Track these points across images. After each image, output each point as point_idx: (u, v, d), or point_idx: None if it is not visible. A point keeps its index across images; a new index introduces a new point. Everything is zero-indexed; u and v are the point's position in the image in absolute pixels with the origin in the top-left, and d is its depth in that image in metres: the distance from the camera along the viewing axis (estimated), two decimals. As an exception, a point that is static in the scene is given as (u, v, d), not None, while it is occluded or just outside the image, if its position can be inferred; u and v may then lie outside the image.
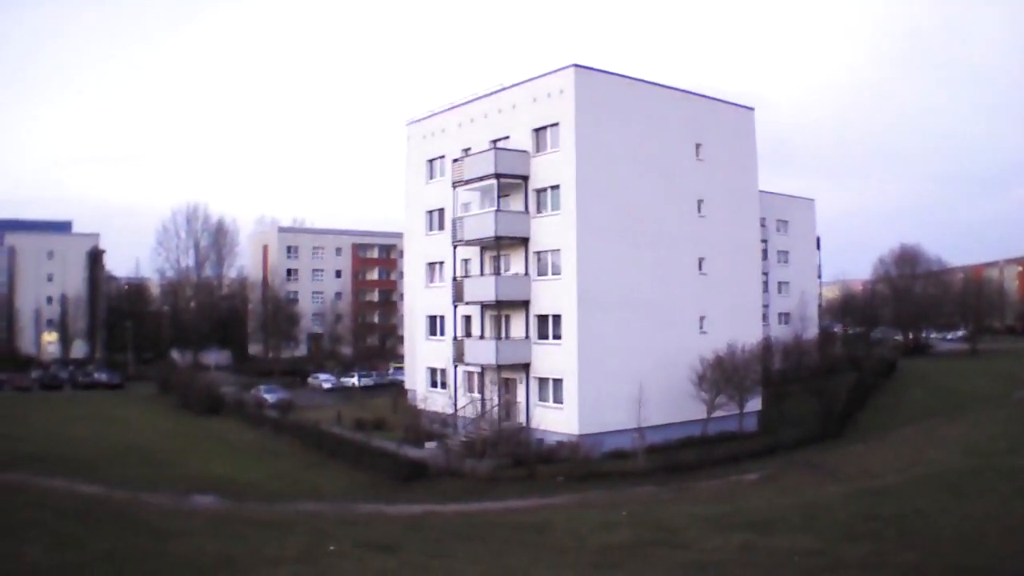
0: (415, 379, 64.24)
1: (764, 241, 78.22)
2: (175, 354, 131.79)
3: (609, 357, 48.04)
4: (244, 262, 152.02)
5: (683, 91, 55.50)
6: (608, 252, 49.14)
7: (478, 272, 54.38)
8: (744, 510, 27.80)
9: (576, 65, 49.55)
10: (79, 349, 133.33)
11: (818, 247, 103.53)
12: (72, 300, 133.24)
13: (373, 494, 40.01)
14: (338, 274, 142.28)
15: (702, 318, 54.00)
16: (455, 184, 54.47)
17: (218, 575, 14.66)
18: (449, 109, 60.25)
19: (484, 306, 53.10)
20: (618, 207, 49.97)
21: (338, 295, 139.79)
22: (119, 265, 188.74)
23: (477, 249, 54.33)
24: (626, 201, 50.42)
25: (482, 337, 53.04)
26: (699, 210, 54.57)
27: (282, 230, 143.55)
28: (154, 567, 14.77)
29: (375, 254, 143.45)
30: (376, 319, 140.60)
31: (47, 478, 41.90)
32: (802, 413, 58.52)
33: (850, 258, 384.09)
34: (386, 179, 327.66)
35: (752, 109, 59.93)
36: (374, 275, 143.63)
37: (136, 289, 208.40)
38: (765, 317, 72.29)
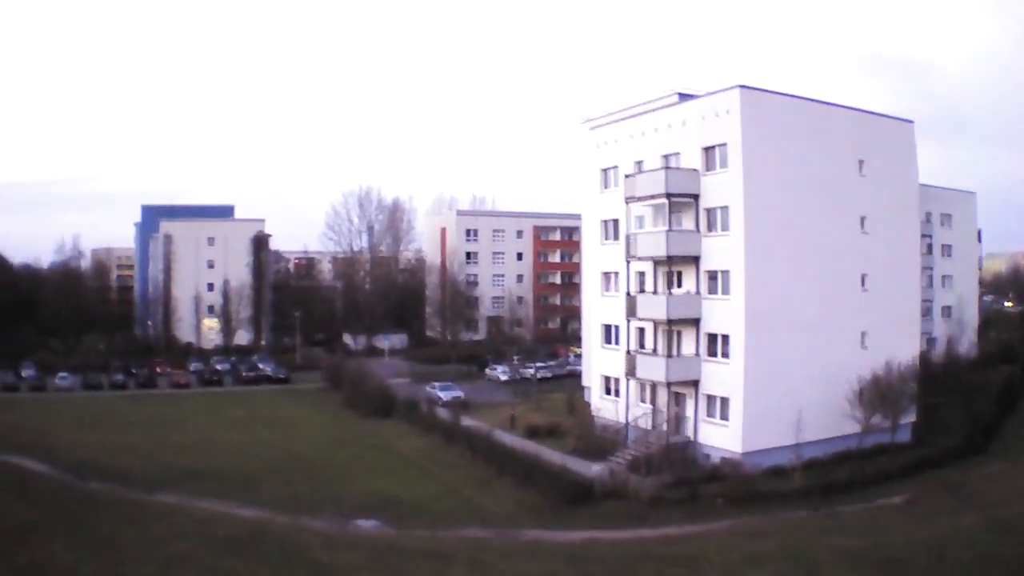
0: (590, 379, 69.88)
1: (927, 236, 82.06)
2: (347, 338, 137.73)
3: (773, 375, 52.08)
4: (421, 244, 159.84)
5: (845, 107, 58.66)
6: (774, 272, 52.99)
7: (652, 287, 58.98)
8: (881, 545, 32.03)
9: (741, 86, 53.51)
10: (242, 336, 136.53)
11: (979, 239, 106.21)
12: (235, 286, 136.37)
13: (537, 517, 44.55)
14: (519, 256, 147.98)
15: (863, 334, 57.29)
16: (628, 200, 59.25)
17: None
18: (621, 120, 65.21)
19: (656, 322, 57.68)
20: (784, 227, 53.66)
21: (519, 278, 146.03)
22: (284, 248, 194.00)
23: (651, 263, 58.74)
24: (792, 220, 54.03)
25: (654, 352, 57.87)
26: (862, 226, 57.77)
27: (461, 213, 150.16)
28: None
29: (556, 236, 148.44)
30: (558, 301, 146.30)
31: (204, 499, 46.87)
32: (953, 421, 60.90)
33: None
34: (564, 159, 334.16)
35: (911, 122, 62.65)
36: (556, 257, 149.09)
37: (306, 267, 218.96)
38: (928, 312, 75.81)
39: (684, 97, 64.35)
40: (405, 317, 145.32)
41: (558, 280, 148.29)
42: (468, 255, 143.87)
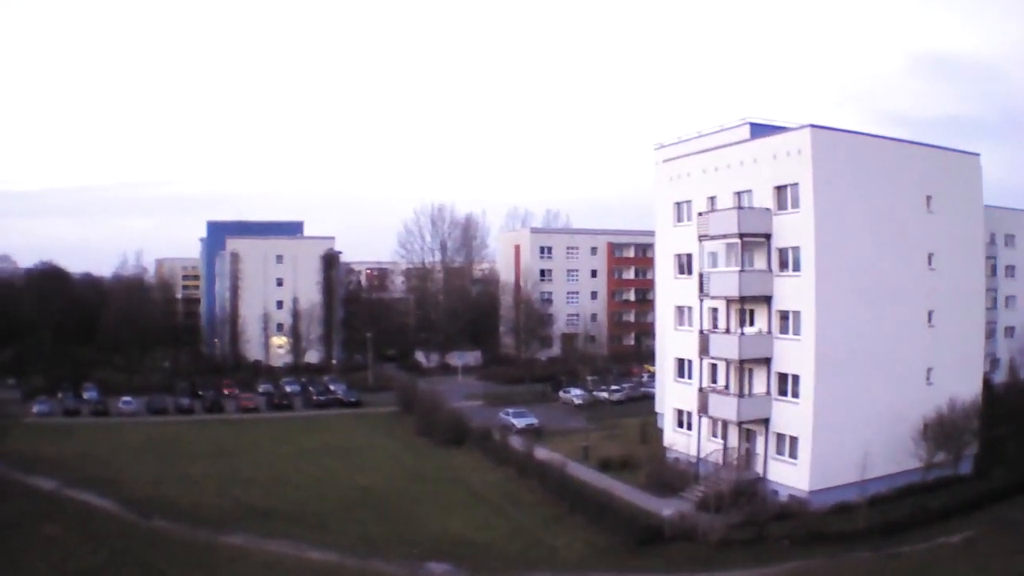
0: (663, 406, 71.84)
1: (991, 258, 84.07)
2: (420, 355, 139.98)
3: (841, 414, 53.82)
4: (495, 259, 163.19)
5: (912, 143, 60.34)
6: (844, 312, 54.62)
7: (724, 324, 60.82)
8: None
9: (812, 126, 55.24)
10: (312, 354, 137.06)
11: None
12: (304, 304, 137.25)
13: (607, 560, 46.33)
14: (593, 273, 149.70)
15: (929, 370, 58.92)
16: (701, 238, 61.19)
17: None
18: (693, 154, 67.21)
19: (728, 361, 59.54)
20: (854, 266, 55.34)
21: (593, 295, 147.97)
22: (355, 258, 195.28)
23: (724, 300, 60.39)
24: (861, 259, 55.72)
25: (726, 388, 59.82)
26: (929, 263, 59.42)
27: (535, 230, 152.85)
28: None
29: (631, 253, 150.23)
30: (632, 318, 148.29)
31: (273, 540, 48.29)
32: (1016, 452, 61.29)
33: None
34: (636, 172, 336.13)
35: (977, 155, 64.08)
36: (630, 274, 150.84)
37: (379, 277, 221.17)
38: (992, 333, 77.80)
39: (755, 127, 66.81)
40: (479, 333, 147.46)
41: (632, 297, 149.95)
42: (542, 272, 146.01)
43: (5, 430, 64.41)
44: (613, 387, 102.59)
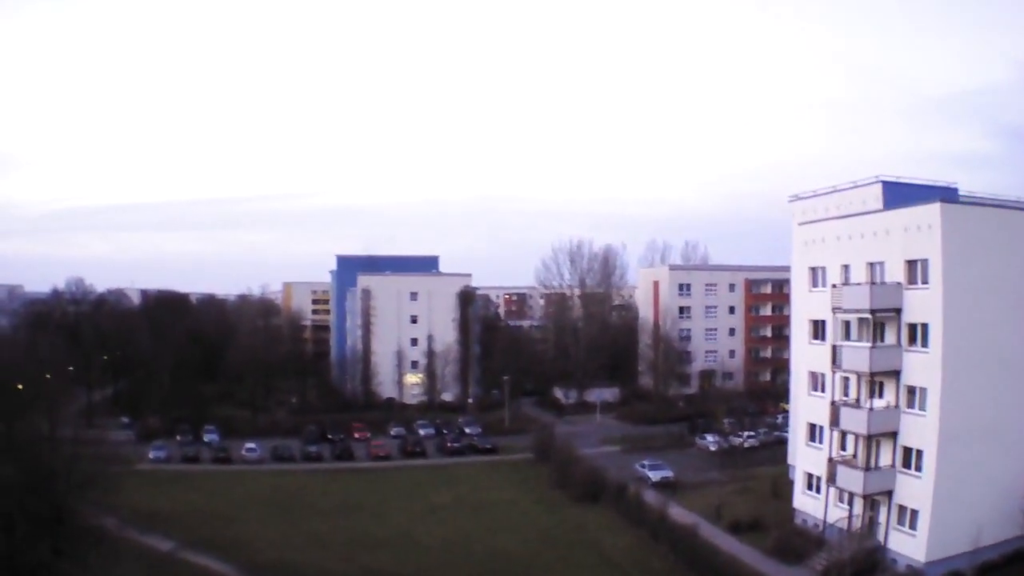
0: (795, 458, 74.48)
1: None
2: (558, 391, 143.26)
3: (962, 486, 55.42)
4: (634, 292, 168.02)
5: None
6: (970, 387, 56.06)
7: (855, 394, 63.21)
8: None
9: (943, 200, 57.16)
10: (447, 388, 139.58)
11: None
12: (439, 341, 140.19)
13: None
14: (731, 310, 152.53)
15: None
16: (834, 310, 63.99)
17: None
18: (828, 219, 70.20)
19: (856, 434, 62.01)
20: (983, 341, 56.64)
21: (731, 331, 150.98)
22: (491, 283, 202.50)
23: (855, 373, 62.72)
24: (990, 334, 56.89)
25: (854, 458, 62.31)
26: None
27: (673, 268, 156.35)
28: None
29: (767, 289, 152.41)
30: (769, 353, 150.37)
31: None
32: None
33: None
34: (772, 205, 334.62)
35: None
36: (767, 310, 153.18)
37: (517, 303, 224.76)
38: None
39: (887, 185, 69.39)
40: (617, 366, 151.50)
41: (768, 332, 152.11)
42: (681, 309, 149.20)
43: (119, 480, 61.29)
44: (747, 433, 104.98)
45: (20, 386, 78.87)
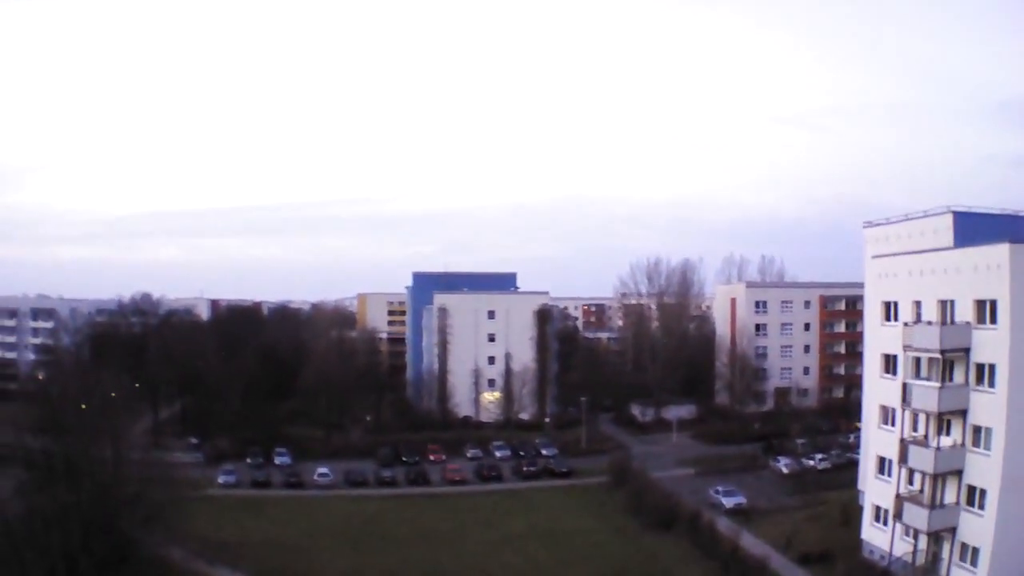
0: (865, 484, 75.83)
1: None
2: (635, 409, 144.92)
3: (1022, 525, 56.34)
4: (711, 306, 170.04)
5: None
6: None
7: (924, 430, 64.73)
8: None
9: (1011, 241, 57.74)
10: (524, 408, 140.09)
11: None
12: (515, 359, 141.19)
13: None
14: (806, 327, 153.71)
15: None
16: (905, 348, 65.56)
17: None
18: (900, 254, 71.77)
19: (923, 472, 63.54)
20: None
21: (806, 348, 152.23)
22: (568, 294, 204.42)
23: (923, 412, 64.25)
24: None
25: (920, 495, 63.84)
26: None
27: (750, 285, 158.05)
28: None
29: (841, 306, 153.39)
30: (842, 370, 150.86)
31: None
32: None
33: None
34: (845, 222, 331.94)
35: None
36: (840, 327, 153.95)
37: (596, 314, 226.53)
38: None
39: (959, 216, 69.99)
40: (693, 382, 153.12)
41: (842, 349, 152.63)
42: (757, 327, 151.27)
43: (187, 507, 61.56)
44: (820, 455, 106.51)
45: (84, 406, 76.29)
